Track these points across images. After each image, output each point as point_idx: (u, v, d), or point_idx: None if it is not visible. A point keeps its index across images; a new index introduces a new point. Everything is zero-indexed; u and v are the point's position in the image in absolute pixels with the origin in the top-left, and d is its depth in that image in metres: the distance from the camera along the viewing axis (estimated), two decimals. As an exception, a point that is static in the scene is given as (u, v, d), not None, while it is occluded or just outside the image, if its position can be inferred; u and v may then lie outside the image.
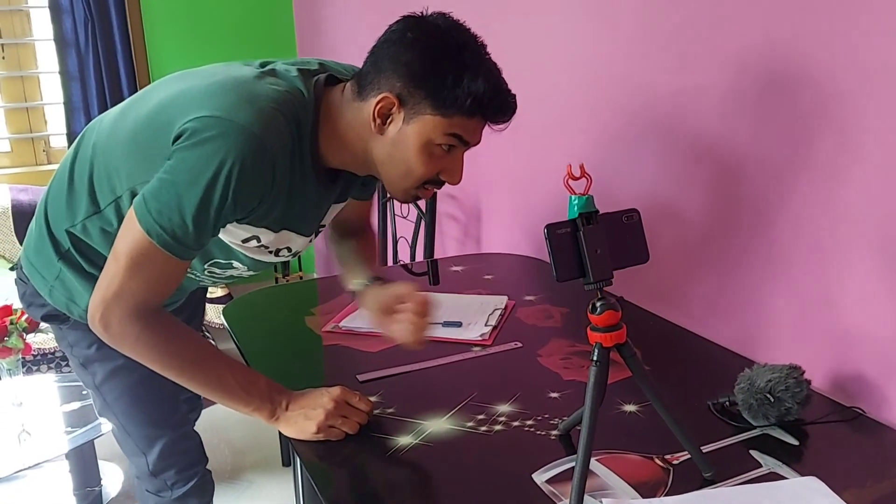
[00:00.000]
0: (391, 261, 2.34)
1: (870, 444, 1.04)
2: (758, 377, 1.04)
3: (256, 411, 1.07)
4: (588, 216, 0.86)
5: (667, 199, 1.46)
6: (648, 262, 0.91)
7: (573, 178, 0.87)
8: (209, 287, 1.53)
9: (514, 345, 1.33)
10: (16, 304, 1.93)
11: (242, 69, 1.09)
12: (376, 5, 2.56)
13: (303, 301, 1.67)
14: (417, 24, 1.04)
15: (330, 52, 3.04)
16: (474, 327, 1.39)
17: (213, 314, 2.94)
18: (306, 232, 1.20)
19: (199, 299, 1.60)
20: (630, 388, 1.11)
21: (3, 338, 1.90)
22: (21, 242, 1.98)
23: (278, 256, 1.22)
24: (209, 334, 2.87)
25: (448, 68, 1.00)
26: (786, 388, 1.02)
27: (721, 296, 1.36)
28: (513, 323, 1.44)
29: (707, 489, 0.90)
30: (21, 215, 2.80)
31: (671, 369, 1.27)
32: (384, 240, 2.35)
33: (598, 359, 0.88)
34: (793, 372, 1.04)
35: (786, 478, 0.92)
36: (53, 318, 1.31)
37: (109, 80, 2.96)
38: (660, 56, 1.41)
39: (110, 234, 1.12)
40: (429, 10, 1.06)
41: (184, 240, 1.00)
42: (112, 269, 1.02)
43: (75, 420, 2.04)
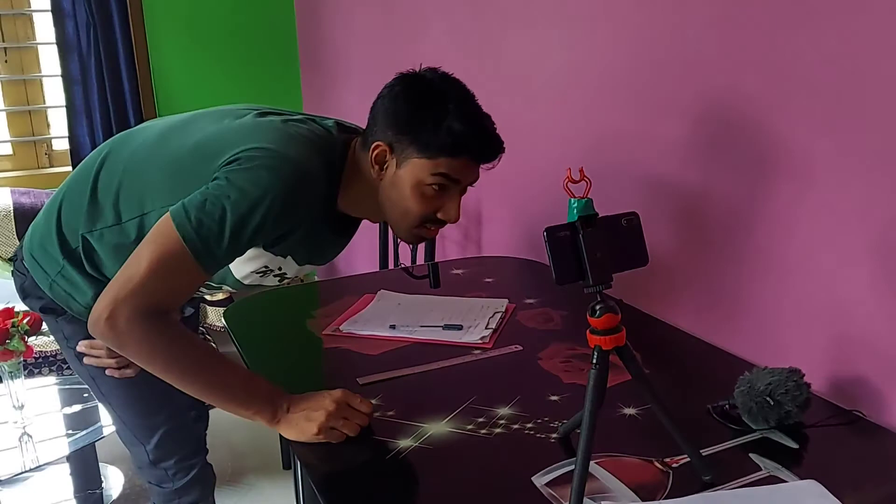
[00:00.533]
0: (392, 264, 2.35)
1: (870, 447, 1.04)
2: (757, 380, 1.04)
3: (258, 414, 1.07)
4: (587, 219, 0.86)
5: (666, 203, 1.46)
6: (648, 265, 0.91)
7: (573, 181, 0.87)
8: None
9: (515, 348, 1.34)
10: (17, 307, 1.94)
11: (288, 114, 1.21)
12: (378, 10, 2.57)
13: (304, 304, 1.67)
14: (406, 79, 1.15)
15: (331, 55, 3.05)
16: (475, 330, 1.39)
17: (215, 317, 2.95)
18: (301, 261, 1.27)
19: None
20: (630, 391, 1.11)
21: (5, 341, 1.90)
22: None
23: (272, 280, 1.30)
24: (210, 337, 2.87)
25: (429, 114, 1.10)
26: (786, 392, 1.02)
27: (721, 299, 1.37)
28: (513, 326, 1.44)
29: (706, 492, 0.90)
30: (23, 218, 2.80)
31: (671, 372, 1.27)
32: (385, 243, 2.36)
33: (597, 362, 0.88)
34: (792, 375, 1.04)
35: (785, 481, 0.92)
36: (50, 311, 1.36)
37: (111, 83, 2.97)
38: (660, 58, 1.41)
39: (124, 246, 1.19)
40: (422, 65, 1.16)
41: (216, 252, 1.05)
42: (131, 270, 1.03)
43: (76, 423, 2.04)
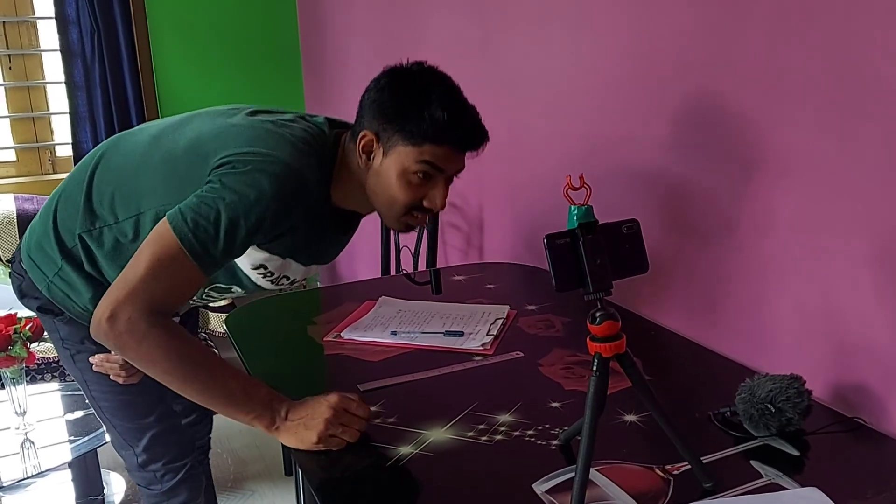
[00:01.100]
0: (394, 270, 2.35)
1: (871, 454, 1.04)
2: (759, 387, 1.04)
3: (256, 419, 1.07)
4: (587, 226, 0.86)
5: (668, 209, 1.46)
6: (648, 272, 0.91)
7: (573, 188, 0.87)
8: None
9: (516, 354, 1.34)
10: (20, 312, 1.94)
11: (279, 113, 1.23)
12: (380, 14, 2.58)
13: (305, 310, 1.67)
14: (392, 72, 1.18)
15: (333, 62, 3.06)
16: (476, 337, 1.39)
17: (216, 323, 2.95)
18: (305, 262, 1.28)
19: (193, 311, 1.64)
20: (631, 398, 1.11)
21: (7, 346, 1.91)
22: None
23: (278, 285, 1.31)
24: (212, 343, 2.88)
25: (414, 103, 1.12)
26: (787, 399, 1.02)
27: (722, 306, 1.36)
28: (514, 332, 1.44)
29: (707, 500, 0.90)
30: (26, 224, 2.80)
31: (672, 379, 1.27)
32: (387, 249, 2.36)
33: (597, 369, 0.88)
34: (794, 382, 1.04)
35: (786, 488, 0.92)
36: (47, 311, 1.37)
37: (115, 90, 2.98)
38: (662, 63, 1.41)
39: (121, 245, 1.21)
40: (409, 60, 1.19)
41: (212, 252, 1.06)
42: (131, 273, 1.05)
43: (79, 429, 2.04)
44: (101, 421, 1.47)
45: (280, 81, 3.37)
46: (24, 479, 1.88)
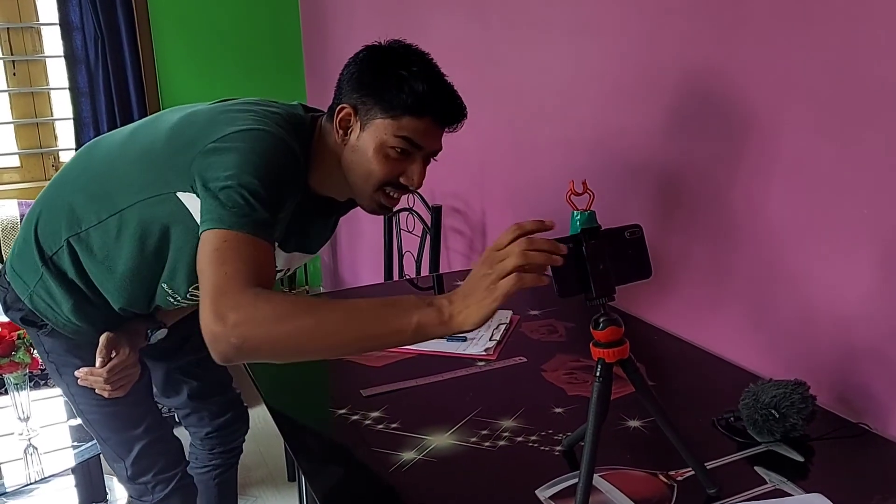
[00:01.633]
0: (397, 275, 2.35)
1: (876, 460, 1.03)
2: (763, 393, 1.04)
3: (422, 321, 0.89)
4: (590, 232, 0.86)
5: (670, 214, 1.46)
6: (651, 277, 0.91)
7: (576, 193, 0.87)
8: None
9: (519, 360, 1.33)
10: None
11: (255, 101, 1.20)
12: (383, 19, 2.59)
13: (308, 316, 1.67)
14: (371, 48, 1.16)
15: (336, 66, 3.06)
16: (479, 342, 1.39)
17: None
18: (288, 249, 1.26)
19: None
20: (634, 404, 1.11)
21: (11, 352, 1.91)
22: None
23: None
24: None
25: (392, 75, 1.10)
26: (791, 404, 1.01)
27: (725, 310, 1.36)
28: (517, 337, 1.44)
29: (711, 506, 0.90)
30: (30, 230, 2.82)
31: (675, 384, 1.27)
32: (389, 254, 2.36)
33: (601, 374, 0.87)
34: (798, 387, 1.04)
35: (791, 494, 0.92)
36: (31, 323, 1.36)
37: (119, 95, 2.99)
38: (667, 67, 1.41)
39: (108, 243, 1.21)
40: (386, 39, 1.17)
41: (258, 217, 1.00)
42: (205, 280, 0.97)
43: (82, 434, 2.04)
44: (91, 434, 1.46)
45: (283, 85, 3.38)
46: (28, 484, 1.88)
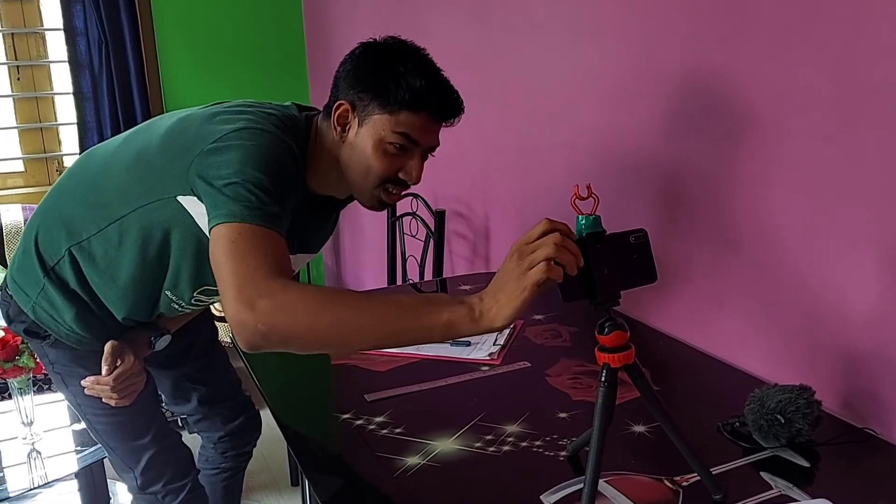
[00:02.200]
0: (400, 279, 2.35)
1: (882, 465, 1.03)
2: (768, 398, 1.03)
3: (453, 317, 0.87)
4: (595, 236, 0.86)
5: (675, 219, 1.46)
6: (656, 282, 0.91)
7: (580, 197, 0.87)
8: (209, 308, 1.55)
9: (523, 364, 1.33)
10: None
11: (249, 104, 1.18)
12: (385, 22, 2.59)
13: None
14: (367, 44, 1.16)
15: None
16: (483, 347, 1.39)
17: (223, 332, 2.95)
18: (293, 251, 1.23)
19: (203, 321, 1.62)
20: (639, 409, 1.10)
21: (15, 357, 1.91)
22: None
23: None
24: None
25: (389, 70, 1.11)
26: (796, 409, 1.01)
27: (730, 315, 1.36)
28: (521, 342, 1.43)
29: (717, 511, 0.90)
30: (34, 234, 2.82)
31: (680, 389, 1.27)
32: (393, 258, 2.36)
33: (606, 379, 0.87)
34: (803, 392, 1.03)
35: (797, 500, 0.91)
36: (34, 335, 1.35)
37: (122, 100, 2.99)
38: (668, 71, 1.41)
39: (109, 251, 1.21)
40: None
41: (267, 210, 0.99)
42: (223, 273, 0.95)
43: (85, 439, 2.04)
44: (101, 444, 1.46)
45: (287, 90, 3.38)
46: (31, 489, 1.88)
